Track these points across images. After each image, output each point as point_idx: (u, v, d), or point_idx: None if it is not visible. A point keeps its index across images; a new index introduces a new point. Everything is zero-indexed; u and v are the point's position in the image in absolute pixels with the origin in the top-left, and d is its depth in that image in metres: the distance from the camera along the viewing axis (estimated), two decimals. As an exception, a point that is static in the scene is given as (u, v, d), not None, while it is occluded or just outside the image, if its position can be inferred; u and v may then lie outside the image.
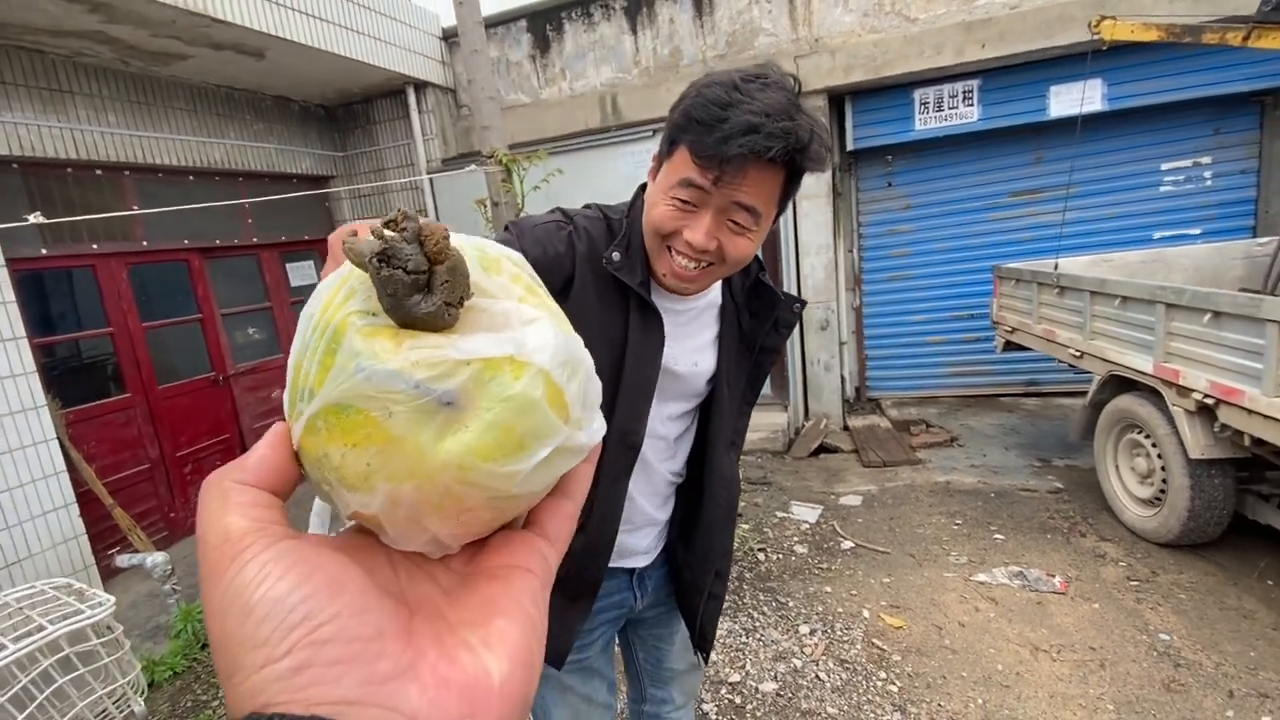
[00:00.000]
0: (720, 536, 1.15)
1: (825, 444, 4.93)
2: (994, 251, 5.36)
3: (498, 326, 0.29)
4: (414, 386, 0.26)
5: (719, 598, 1.19)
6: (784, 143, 0.80)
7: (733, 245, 0.89)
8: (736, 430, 1.14)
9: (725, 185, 0.84)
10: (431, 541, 0.29)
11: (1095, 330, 3.25)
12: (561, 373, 0.29)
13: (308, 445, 0.28)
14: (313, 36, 4.38)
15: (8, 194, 3.75)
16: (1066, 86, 4.74)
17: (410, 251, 0.27)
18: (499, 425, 0.27)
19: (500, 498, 0.28)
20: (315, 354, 0.27)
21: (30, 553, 3.63)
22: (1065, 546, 3.08)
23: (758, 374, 1.14)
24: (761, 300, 1.08)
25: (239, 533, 0.24)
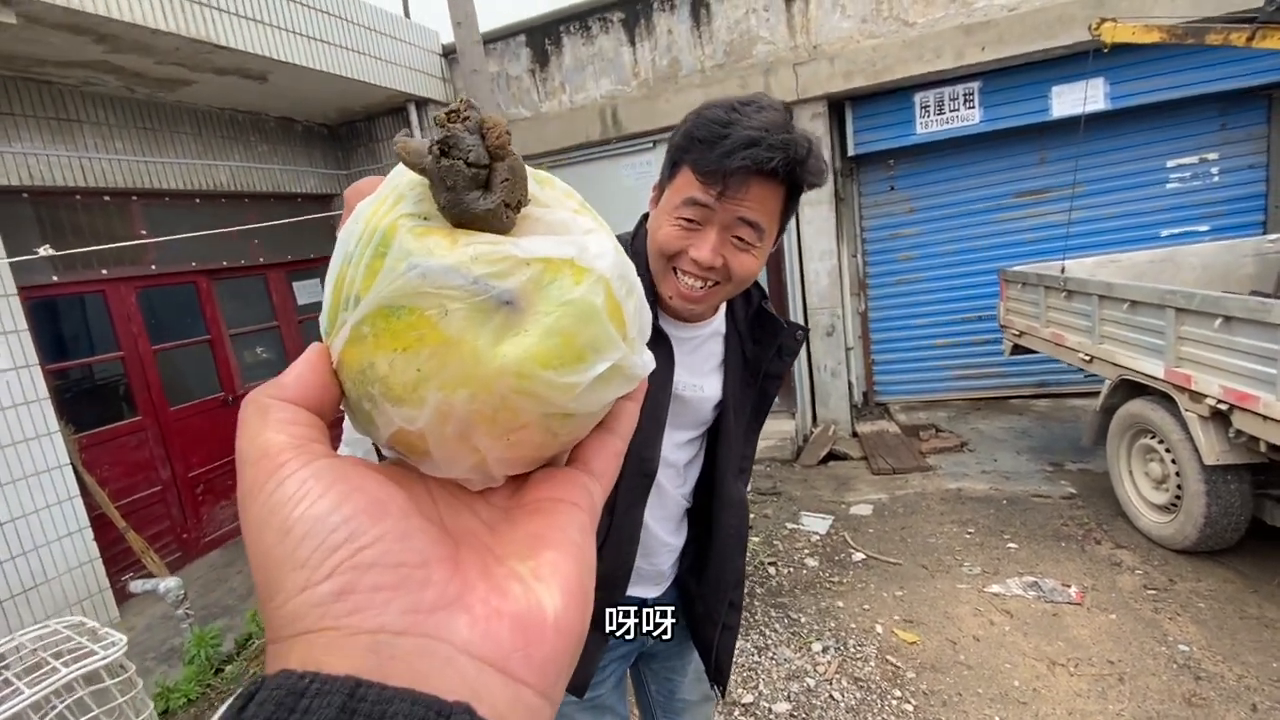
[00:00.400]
0: (731, 564, 1.14)
1: (834, 451, 4.91)
2: (1000, 253, 5.33)
3: (556, 232, 0.28)
4: (472, 282, 0.25)
5: (734, 629, 1.18)
6: (784, 154, 0.82)
7: (738, 262, 0.90)
8: (744, 457, 1.15)
9: (729, 200, 0.86)
10: (477, 467, 0.28)
11: (1104, 334, 3.21)
12: (620, 286, 0.29)
13: (350, 357, 0.27)
14: (313, 58, 4.42)
15: (18, 223, 3.80)
16: (1069, 86, 4.71)
17: (472, 143, 0.26)
18: (560, 331, 0.26)
19: (554, 415, 0.27)
20: (360, 262, 0.26)
21: (46, 578, 3.66)
22: (1080, 555, 3.04)
23: (762, 401, 1.14)
24: (764, 328, 1.09)
25: (277, 448, 0.24)
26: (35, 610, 3.58)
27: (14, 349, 3.60)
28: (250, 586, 4.22)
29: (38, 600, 3.61)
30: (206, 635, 2.95)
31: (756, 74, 4.96)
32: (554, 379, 0.26)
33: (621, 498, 1.02)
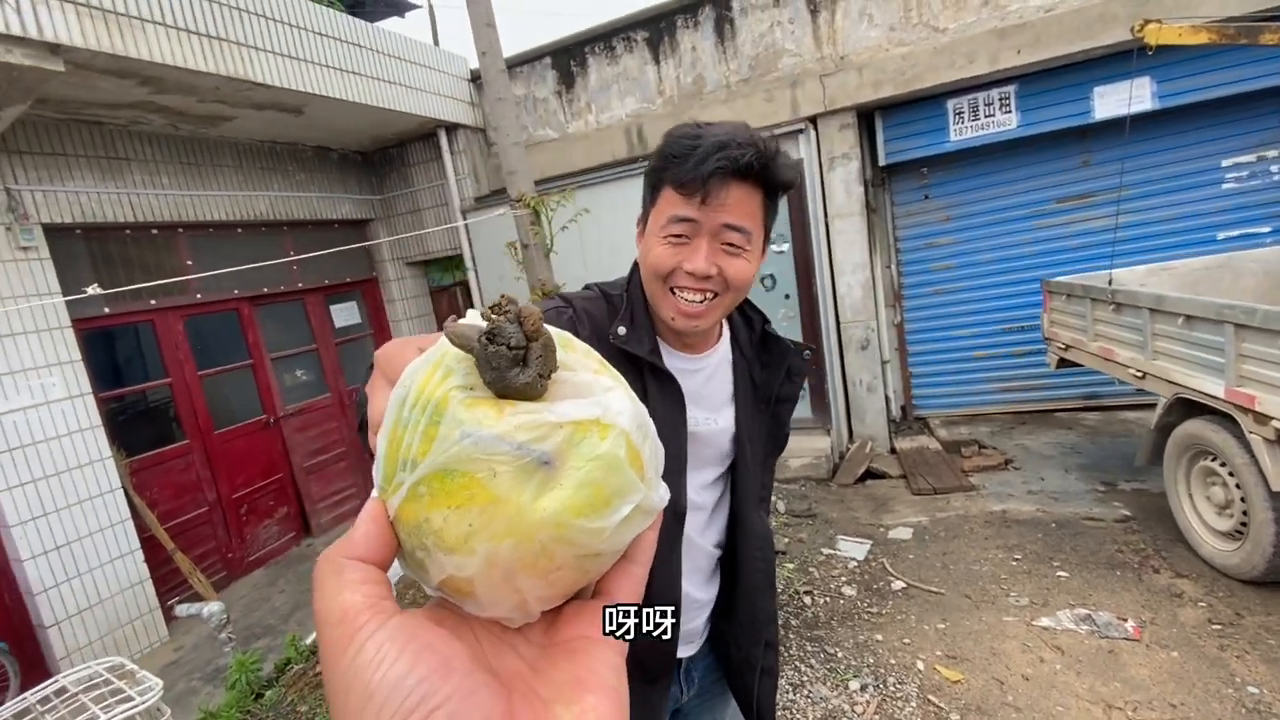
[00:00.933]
0: (762, 601, 1.10)
1: (872, 469, 4.77)
2: (1042, 260, 5.14)
3: (582, 394, 0.32)
4: (517, 448, 0.29)
5: (773, 672, 1.12)
6: (755, 150, 0.86)
7: (732, 268, 0.92)
8: (763, 486, 1.13)
9: (711, 207, 0.88)
10: (518, 606, 0.31)
11: (1158, 350, 3.05)
12: (639, 435, 0.33)
13: (407, 513, 0.30)
14: (346, 90, 4.54)
15: (72, 259, 3.98)
16: (1112, 86, 4.52)
17: (512, 330, 0.31)
18: (590, 483, 0.30)
19: (587, 555, 0.31)
20: (417, 428, 0.30)
21: (100, 599, 3.80)
22: (1137, 584, 2.87)
23: (776, 426, 1.13)
24: (771, 352, 1.10)
25: (355, 609, 0.27)
26: (90, 629, 3.72)
27: (69, 379, 3.76)
28: (292, 605, 4.31)
29: (92, 621, 3.74)
30: (247, 661, 3.00)
31: (783, 87, 4.90)
32: (586, 525, 0.30)
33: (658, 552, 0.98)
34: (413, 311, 6.41)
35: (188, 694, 3.45)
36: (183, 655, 3.92)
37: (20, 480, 3.47)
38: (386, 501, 0.31)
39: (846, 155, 4.89)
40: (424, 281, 6.56)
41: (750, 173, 0.88)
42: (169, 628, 4.14)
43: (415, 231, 5.99)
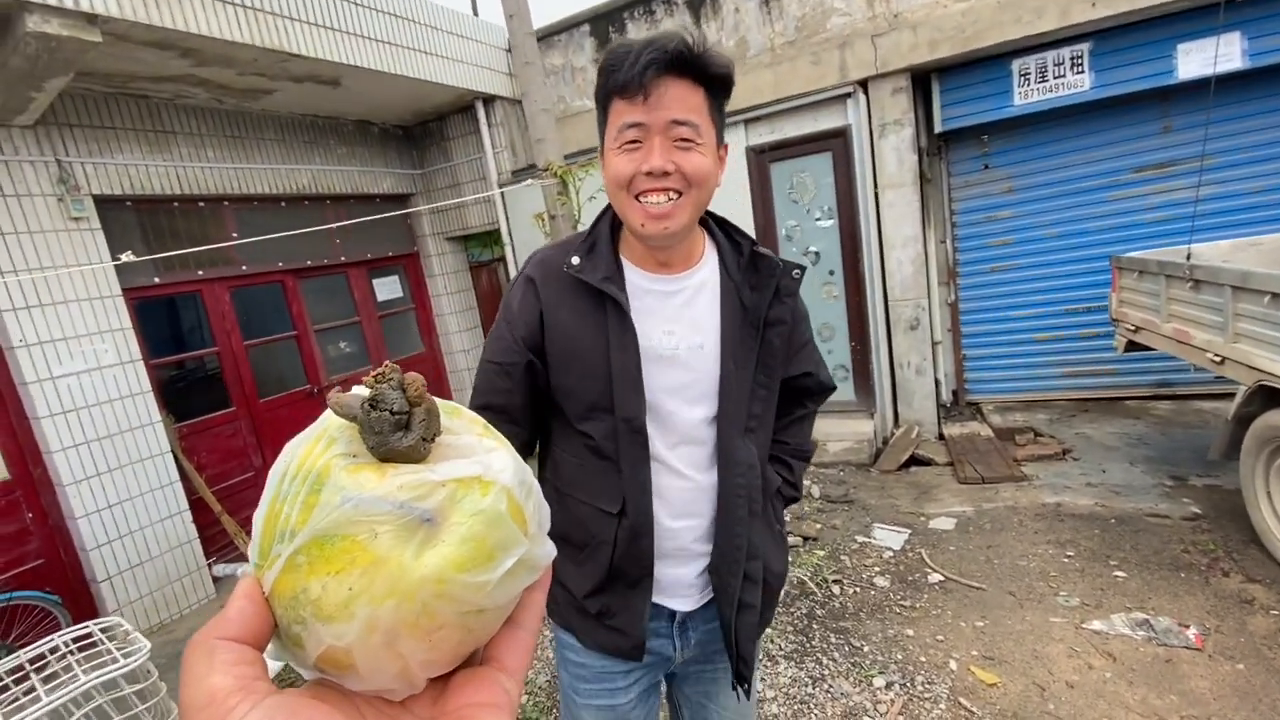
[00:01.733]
0: (742, 530, 1.06)
1: (917, 455, 4.54)
2: (1115, 236, 4.73)
3: (465, 454, 0.33)
4: (399, 506, 0.29)
5: (753, 608, 1.08)
6: (681, 43, 0.88)
7: (688, 162, 0.93)
8: (752, 415, 1.08)
9: (654, 105, 0.90)
10: (401, 674, 0.31)
11: (1240, 332, 2.73)
12: (520, 491, 0.33)
13: (283, 585, 0.30)
14: (382, 61, 4.51)
15: (123, 229, 4.12)
16: (1198, 43, 4.07)
17: (394, 396, 0.32)
18: (472, 538, 0.30)
19: (470, 612, 0.31)
20: (296, 499, 0.30)
21: (150, 556, 3.98)
22: (1203, 588, 2.61)
23: (769, 353, 1.08)
24: (759, 272, 1.07)
25: (225, 692, 0.25)
26: (140, 585, 3.91)
27: (120, 345, 3.91)
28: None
29: (142, 577, 3.93)
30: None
31: (831, 49, 4.62)
32: (468, 580, 0.30)
33: (624, 459, 1.03)
34: (453, 286, 6.44)
35: (229, 650, 3.58)
36: (227, 613, 4.07)
37: (75, 441, 3.64)
38: (261, 578, 0.31)
39: (899, 121, 4.59)
40: (464, 257, 6.58)
41: (683, 64, 0.90)
42: (216, 586, 4.32)
43: (452, 201, 5.99)
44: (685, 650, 1.16)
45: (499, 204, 5.65)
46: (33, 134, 3.61)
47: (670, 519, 1.07)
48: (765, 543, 1.11)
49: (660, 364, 1.04)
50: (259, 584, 0.30)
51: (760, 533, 1.09)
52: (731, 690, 1.16)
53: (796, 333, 1.15)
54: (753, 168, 4.97)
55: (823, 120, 4.74)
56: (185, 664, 0.27)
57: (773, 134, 4.89)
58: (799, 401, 1.24)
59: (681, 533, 1.08)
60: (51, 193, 3.64)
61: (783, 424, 1.22)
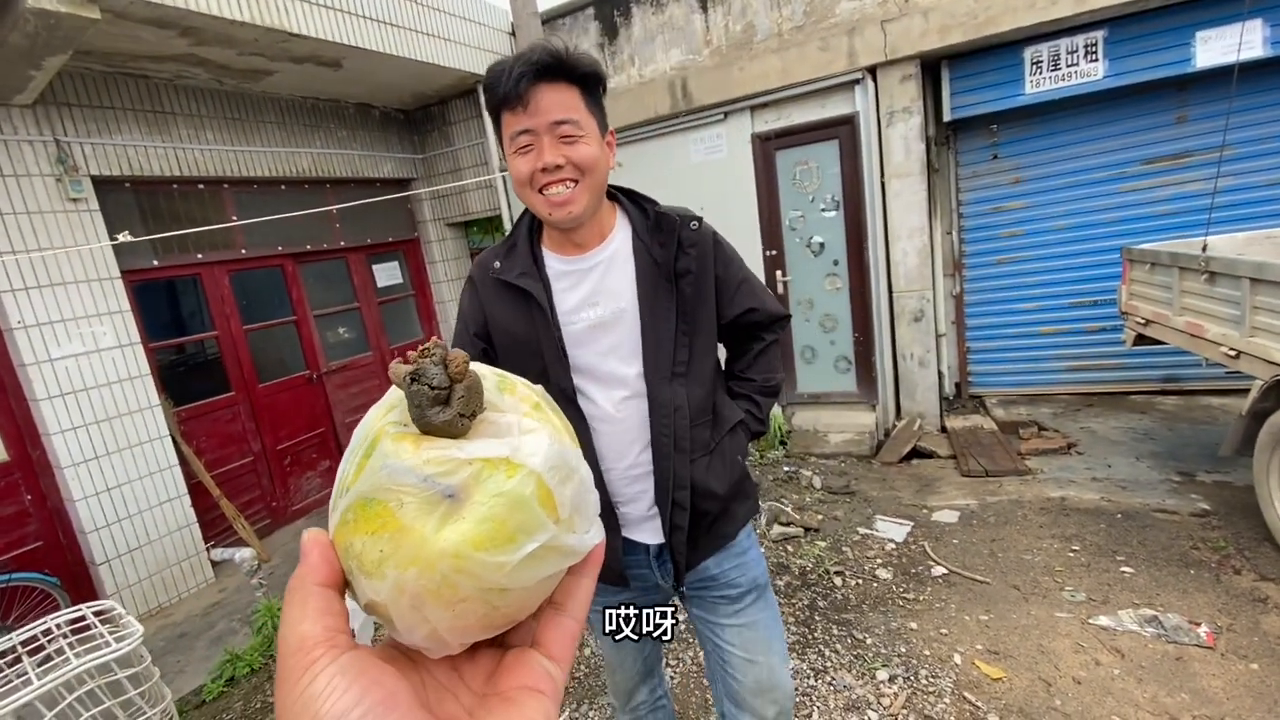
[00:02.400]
0: (667, 464, 1.18)
1: (919, 448, 4.51)
2: (1125, 228, 4.66)
3: (500, 434, 0.34)
4: (423, 480, 0.31)
5: (682, 529, 1.22)
6: (546, 53, 1.01)
7: (576, 153, 1.05)
8: (678, 361, 1.18)
9: (535, 112, 1.02)
10: (431, 635, 0.32)
11: (1257, 326, 2.68)
12: (553, 476, 0.34)
13: (339, 536, 0.32)
14: (384, 43, 4.44)
15: (122, 210, 4.07)
16: (1217, 31, 3.99)
17: (435, 372, 0.33)
18: (491, 518, 0.31)
19: (491, 590, 0.31)
20: (355, 458, 0.33)
21: (149, 539, 3.97)
22: (1214, 586, 2.57)
23: (686, 304, 1.18)
24: (663, 229, 1.17)
25: (313, 641, 0.29)
26: (138, 568, 3.89)
27: (119, 328, 3.87)
28: (330, 557, 4.42)
29: (141, 560, 3.91)
30: (274, 607, 3.06)
31: (839, 34, 4.54)
32: (486, 559, 0.31)
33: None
34: (453, 273, 6.39)
35: (228, 634, 3.56)
36: (226, 597, 4.06)
37: (73, 424, 3.61)
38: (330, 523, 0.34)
39: (908, 109, 4.51)
40: (464, 243, 6.53)
41: (551, 71, 1.01)
42: (214, 570, 4.30)
43: (453, 185, 5.93)
44: (666, 579, 1.29)
45: (500, 189, 5.59)
46: (31, 113, 3.56)
47: (622, 467, 1.21)
48: (703, 473, 1.22)
49: (592, 333, 1.17)
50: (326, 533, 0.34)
51: (687, 464, 1.20)
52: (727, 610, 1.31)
53: (722, 277, 1.24)
54: (758, 155, 4.90)
55: (830, 107, 4.67)
56: (286, 603, 0.31)
57: (779, 121, 4.82)
58: (755, 335, 1.34)
59: (637, 477, 1.22)
60: (50, 173, 3.59)
61: (745, 361, 1.35)
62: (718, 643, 1.34)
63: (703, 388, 1.23)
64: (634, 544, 1.28)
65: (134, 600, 3.84)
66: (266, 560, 4.39)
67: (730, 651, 1.31)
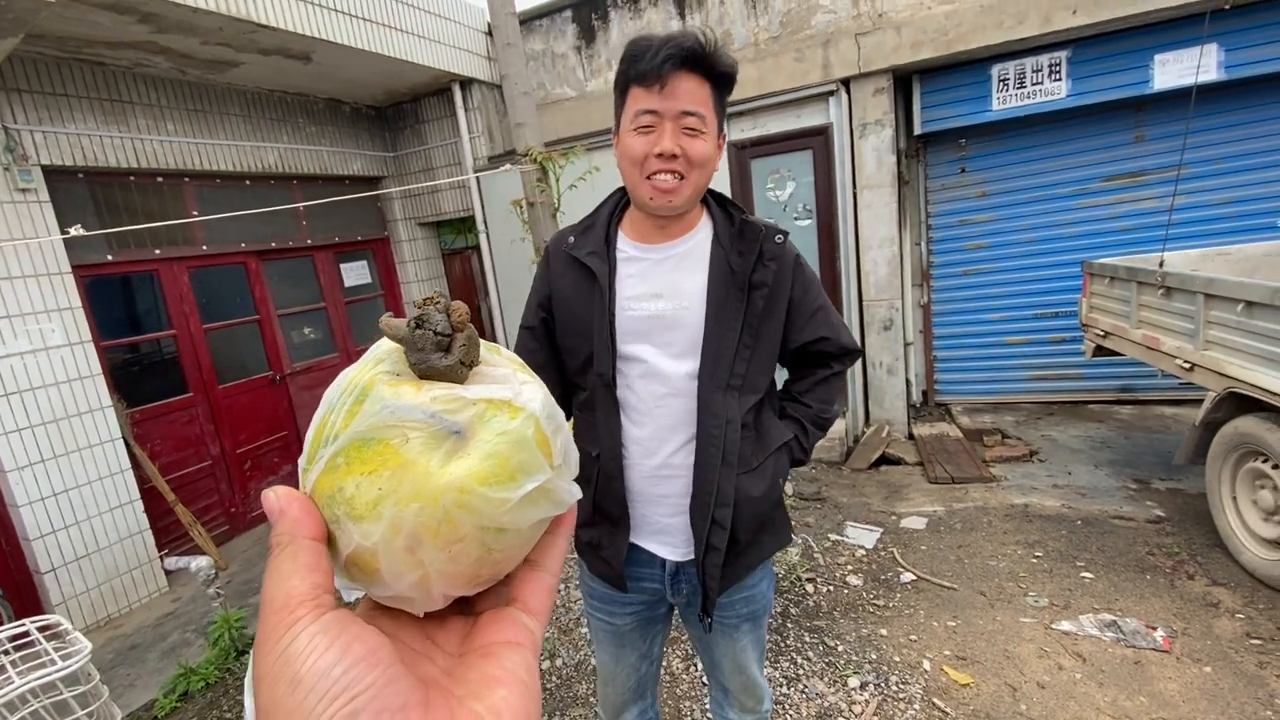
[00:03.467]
0: (713, 478, 1.14)
1: (887, 454, 4.57)
2: (1085, 243, 4.82)
3: (499, 382, 0.35)
4: (430, 416, 0.31)
5: (719, 550, 1.17)
6: (696, 42, 1.01)
7: (694, 148, 1.05)
8: (735, 373, 1.15)
9: (668, 96, 1.02)
10: (420, 583, 0.32)
11: (1211, 339, 2.78)
12: (548, 423, 0.35)
13: (323, 484, 0.32)
14: (356, 37, 4.35)
15: (74, 202, 3.89)
16: (1174, 54, 4.16)
17: (439, 318, 0.34)
18: (496, 455, 0.32)
19: (489, 529, 0.32)
20: (342, 409, 0.33)
21: (98, 547, 3.79)
22: (1169, 591, 2.66)
23: (754, 314, 1.15)
24: (745, 238, 1.16)
25: (298, 598, 0.28)
26: (87, 577, 3.71)
27: (69, 326, 3.70)
28: (291, 564, 4.28)
29: (89, 568, 3.74)
30: (231, 618, 2.95)
31: (814, 46, 4.60)
32: (489, 494, 0.31)
33: (599, 410, 1.19)
34: (424, 274, 6.28)
35: (181, 645, 3.42)
36: (180, 606, 3.91)
37: (18, 425, 3.43)
38: (304, 481, 0.33)
39: (880, 122, 4.59)
40: (436, 244, 6.42)
41: (696, 61, 1.02)
42: (168, 579, 4.13)
43: (427, 184, 5.83)
44: (676, 597, 1.27)
45: (474, 190, 5.52)
46: (-24, 98, 3.39)
47: (651, 464, 1.18)
48: (744, 493, 1.17)
49: (650, 323, 1.15)
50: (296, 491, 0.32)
51: (733, 480, 1.16)
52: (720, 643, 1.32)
53: (799, 300, 1.21)
54: (733, 163, 4.93)
55: (805, 118, 4.72)
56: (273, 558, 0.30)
57: (755, 129, 4.86)
58: (822, 363, 1.31)
59: (664, 479, 1.18)
60: (-5, 161, 3.42)
61: (806, 385, 1.32)
62: (706, 651, 1.40)
63: (754, 405, 1.20)
64: (642, 554, 1.24)
65: (81, 610, 3.67)
66: (224, 568, 4.24)
67: (717, 663, 1.38)
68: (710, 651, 1.38)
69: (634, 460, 1.19)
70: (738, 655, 1.34)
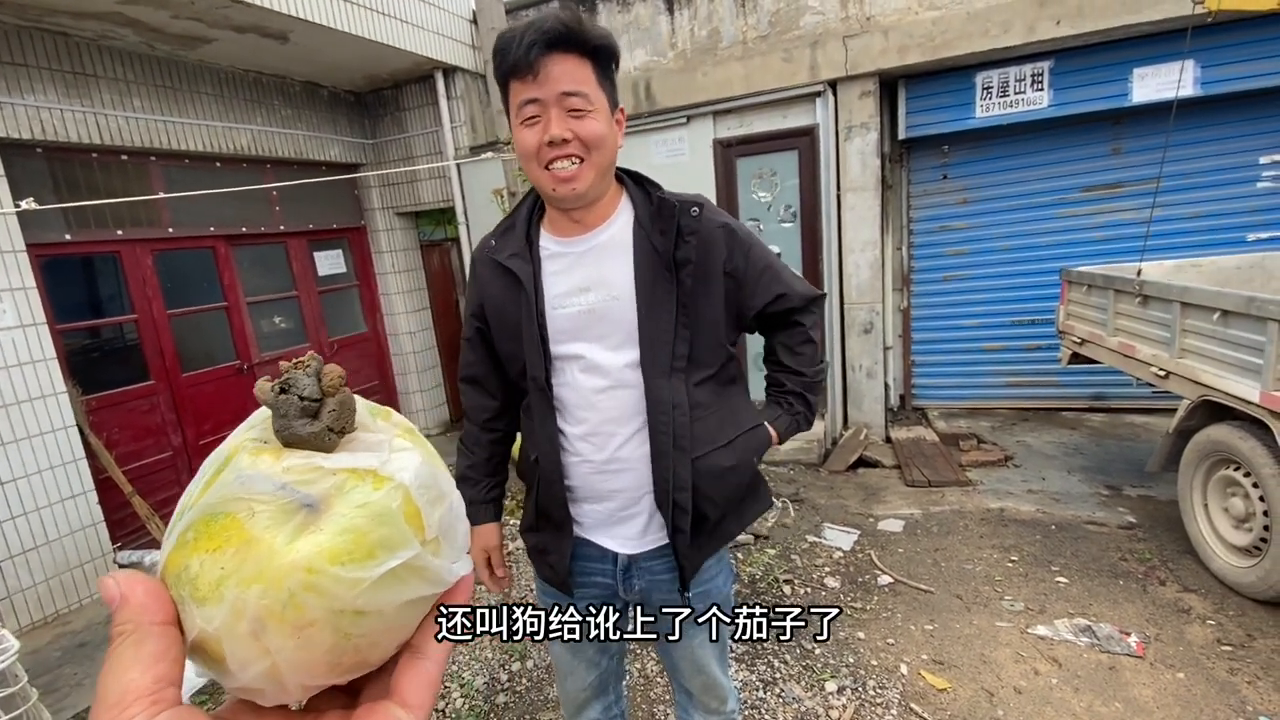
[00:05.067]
0: (667, 464, 1.12)
1: (865, 457, 4.58)
2: (1063, 251, 4.88)
3: (371, 450, 0.32)
4: (280, 487, 0.29)
5: (684, 532, 1.15)
6: (559, 22, 0.97)
7: (584, 128, 1.01)
8: (677, 355, 1.12)
9: (544, 82, 0.98)
10: (270, 673, 0.29)
11: (1186, 348, 2.81)
12: (423, 495, 0.32)
13: (172, 561, 0.29)
14: (334, 18, 4.22)
15: (32, 178, 3.71)
16: (1153, 68, 4.23)
17: (307, 382, 0.32)
18: (352, 530, 0.29)
19: (344, 613, 0.29)
20: (203, 478, 0.31)
21: (48, 539, 3.62)
22: (1141, 596, 2.68)
23: (685, 294, 1.11)
24: (664, 216, 1.12)
25: (135, 694, 0.26)
26: (35, 572, 3.54)
27: (20, 306, 3.53)
28: (254, 559, 4.14)
29: (38, 562, 3.57)
30: (187, 615, 2.81)
31: (802, 46, 4.59)
32: (340, 574, 0.28)
33: (534, 412, 1.16)
34: (401, 265, 6.15)
35: (134, 644, 3.28)
36: (134, 603, 3.74)
37: (-39, 410, 3.25)
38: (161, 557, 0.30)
39: (865, 125, 4.60)
40: (414, 234, 6.29)
41: (564, 41, 0.98)
42: (123, 574, 3.96)
43: (404, 169, 5.70)
44: (629, 593, 1.22)
45: (455, 180, 5.41)
46: (-76, 63, 3.20)
47: (599, 460, 1.15)
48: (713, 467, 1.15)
49: (582, 319, 1.12)
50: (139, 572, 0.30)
51: (687, 463, 1.13)
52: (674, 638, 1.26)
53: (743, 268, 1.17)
54: (719, 160, 4.90)
55: (791, 118, 4.71)
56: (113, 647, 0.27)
57: (741, 128, 4.84)
58: (791, 323, 1.27)
59: (614, 473, 1.15)
60: (-56, 130, 3.24)
61: (787, 351, 1.28)
62: (665, 654, 1.38)
63: (707, 383, 1.17)
64: (592, 549, 1.21)
65: (28, 605, 3.50)
66: (182, 563, 4.09)
67: (677, 665, 1.35)
68: (669, 653, 1.36)
69: (581, 457, 1.16)
70: (695, 654, 1.30)
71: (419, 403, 6.26)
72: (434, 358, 6.42)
